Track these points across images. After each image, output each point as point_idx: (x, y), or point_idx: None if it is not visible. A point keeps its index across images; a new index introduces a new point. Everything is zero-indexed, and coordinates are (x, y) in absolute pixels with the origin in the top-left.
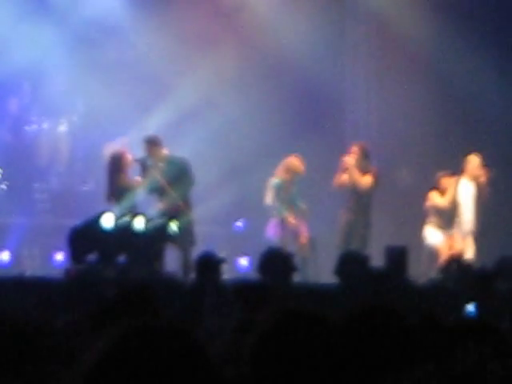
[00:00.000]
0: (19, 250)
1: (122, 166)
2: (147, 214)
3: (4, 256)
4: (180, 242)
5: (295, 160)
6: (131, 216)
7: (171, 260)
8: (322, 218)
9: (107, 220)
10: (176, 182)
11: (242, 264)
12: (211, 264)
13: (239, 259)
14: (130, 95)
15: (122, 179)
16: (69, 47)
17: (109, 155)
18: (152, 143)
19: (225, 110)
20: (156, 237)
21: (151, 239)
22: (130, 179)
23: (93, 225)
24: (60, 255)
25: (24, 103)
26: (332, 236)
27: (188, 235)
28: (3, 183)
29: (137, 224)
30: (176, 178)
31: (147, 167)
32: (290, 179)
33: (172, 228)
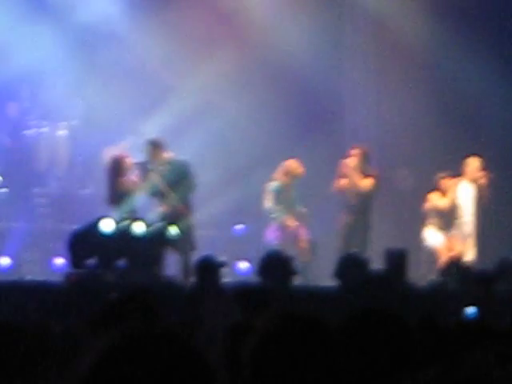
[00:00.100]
0: (19, 255)
1: (122, 170)
2: (148, 218)
3: (4, 261)
4: (180, 247)
5: (294, 163)
6: (131, 220)
7: (171, 264)
8: (322, 221)
9: (106, 224)
10: (177, 186)
11: (242, 268)
12: (211, 268)
13: (239, 263)
14: (130, 99)
15: (122, 183)
16: (68, 51)
17: (109, 159)
18: (155, 146)
19: (224, 114)
20: (155, 241)
21: (151, 243)
22: (130, 183)
23: (92, 229)
24: (60, 260)
25: (23, 107)
26: (332, 239)
27: (188, 239)
28: (3, 188)
29: (136, 228)
30: (177, 182)
31: (147, 171)
32: (289, 182)
33: (171, 232)
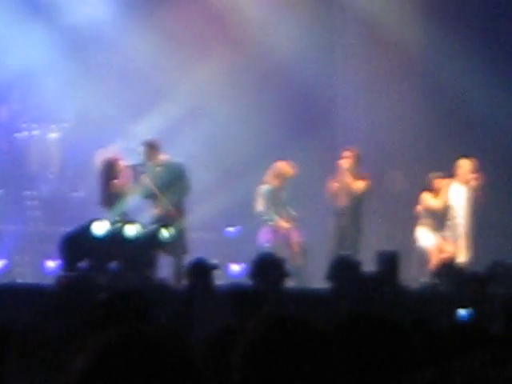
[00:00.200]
0: (11, 257)
1: (115, 173)
2: (141, 220)
3: None
4: (172, 249)
5: (284, 165)
6: (123, 223)
7: (164, 267)
8: (314, 223)
9: (98, 227)
10: (171, 188)
11: (234, 270)
12: (203, 270)
13: (231, 265)
14: (122, 101)
15: (115, 186)
16: (59, 53)
17: (101, 162)
18: (151, 147)
19: (216, 116)
20: (147, 244)
21: (143, 246)
22: (123, 186)
23: (84, 232)
24: (51, 263)
25: (14, 110)
26: (324, 241)
27: (180, 242)
28: None
29: (128, 231)
30: (171, 184)
31: (141, 173)
32: (280, 185)
33: (164, 235)
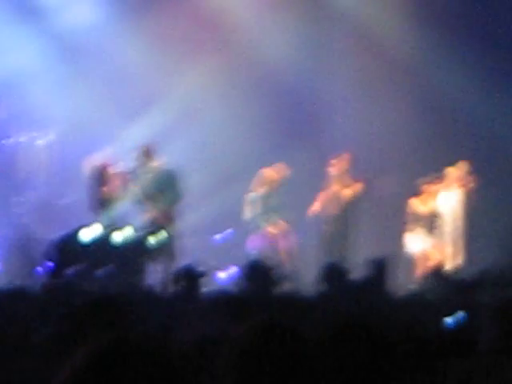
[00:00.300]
0: (6, 259)
1: (104, 179)
2: (129, 226)
3: None
4: (160, 256)
5: (268, 171)
6: (111, 229)
7: (152, 273)
8: (305, 228)
9: (86, 234)
10: (163, 194)
11: (222, 277)
12: (191, 277)
13: (219, 272)
14: (111, 106)
15: (104, 192)
16: (48, 59)
17: (91, 168)
18: (144, 152)
19: (207, 120)
20: (135, 250)
21: (130, 253)
22: (112, 192)
23: (72, 238)
24: (39, 268)
25: (2, 117)
26: (315, 246)
27: (168, 249)
28: None
29: (116, 237)
30: (163, 190)
31: (130, 179)
32: (267, 191)
33: (151, 242)
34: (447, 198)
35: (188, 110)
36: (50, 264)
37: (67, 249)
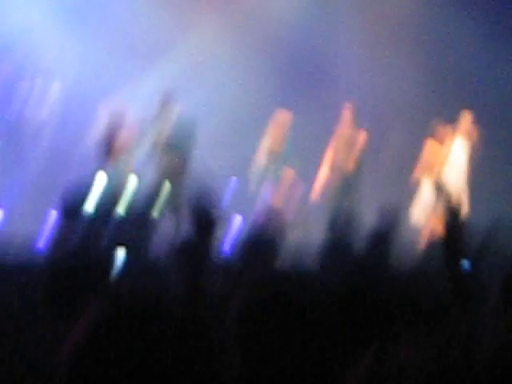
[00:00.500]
0: (12, 209)
1: (122, 127)
2: (146, 174)
3: None
4: (174, 204)
5: (281, 115)
6: (125, 176)
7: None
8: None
9: (100, 180)
10: (179, 143)
11: (236, 223)
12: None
13: (233, 218)
14: (123, 55)
15: (119, 141)
16: (59, 6)
17: (108, 115)
18: (164, 102)
19: (216, 76)
20: (149, 197)
21: (142, 202)
22: (127, 141)
23: (87, 185)
24: (53, 214)
25: (16, 63)
26: (325, 195)
27: (182, 198)
28: None
29: (130, 184)
30: (180, 139)
31: (145, 128)
32: (280, 137)
33: (164, 189)
34: (460, 145)
35: (198, 61)
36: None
37: (81, 196)
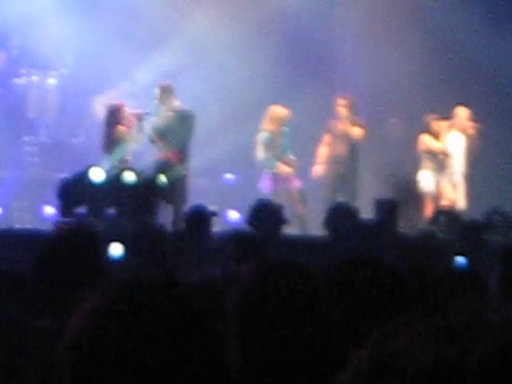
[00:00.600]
0: (9, 203)
1: (120, 119)
2: (142, 167)
3: None
4: (171, 197)
5: (277, 108)
6: (121, 169)
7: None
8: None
9: (96, 173)
10: (177, 134)
11: (233, 217)
12: (202, 217)
13: (229, 212)
14: (122, 45)
15: (118, 131)
16: (55, 3)
17: (106, 107)
18: (165, 91)
19: (217, 60)
20: (146, 190)
21: (141, 192)
22: (126, 132)
23: (82, 178)
24: (49, 208)
25: (13, 56)
26: (321, 188)
27: (180, 190)
28: None
29: (127, 177)
30: (179, 130)
31: (144, 119)
32: (277, 129)
33: (162, 181)
34: (457, 140)
35: (198, 49)
36: (60, 204)
37: (77, 188)
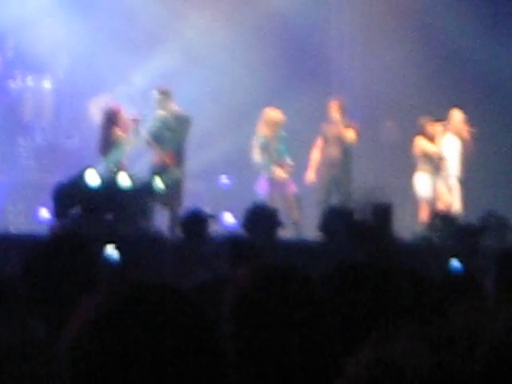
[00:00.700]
0: (3, 207)
1: (117, 122)
2: (139, 170)
3: None
4: (167, 200)
5: (272, 112)
6: (117, 172)
7: (159, 218)
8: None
9: (91, 177)
10: (173, 137)
11: (228, 221)
12: (200, 220)
13: (225, 216)
14: (118, 48)
15: (115, 134)
16: (54, 1)
17: (102, 110)
18: (164, 94)
19: (213, 63)
20: (142, 193)
21: (137, 196)
22: (123, 135)
23: (77, 181)
24: (44, 211)
25: (8, 59)
26: (315, 191)
27: (176, 194)
28: None
29: (122, 180)
30: (176, 134)
31: (140, 122)
32: (273, 133)
33: (158, 184)
34: (451, 143)
35: (194, 53)
36: (55, 207)
37: (72, 192)
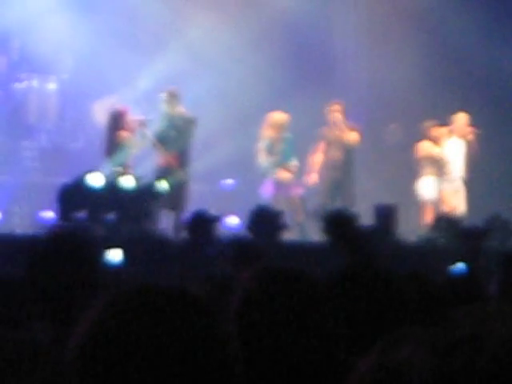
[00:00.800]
0: (9, 208)
1: (122, 124)
2: (143, 172)
3: None
4: (171, 203)
5: (276, 114)
6: (121, 174)
7: (164, 220)
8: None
9: (95, 178)
10: (180, 139)
11: (231, 223)
12: (205, 222)
13: (228, 218)
14: (123, 50)
15: (121, 137)
16: (59, 2)
17: (108, 113)
18: (172, 96)
19: (217, 67)
20: (145, 195)
21: (140, 198)
22: (128, 137)
23: (81, 183)
24: (49, 213)
25: (13, 60)
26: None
27: (180, 195)
28: None
29: (126, 182)
30: (181, 136)
31: (146, 124)
32: (277, 135)
33: (161, 186)
34: (456, 146)
35: (199, 54)
36: (59, 209)
37: (76, 194)
